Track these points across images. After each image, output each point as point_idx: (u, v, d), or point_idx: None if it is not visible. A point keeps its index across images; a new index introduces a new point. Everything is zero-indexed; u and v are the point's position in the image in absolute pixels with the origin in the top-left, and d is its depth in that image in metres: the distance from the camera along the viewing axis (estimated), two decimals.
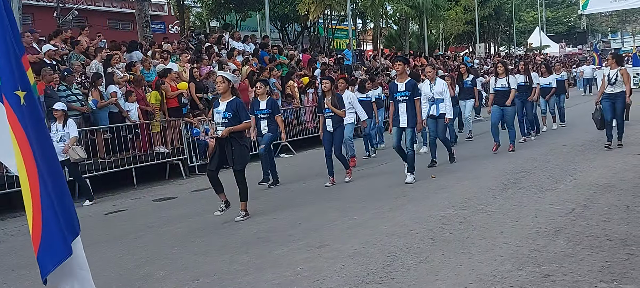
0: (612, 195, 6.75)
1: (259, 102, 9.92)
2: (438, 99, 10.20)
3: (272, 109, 9.78)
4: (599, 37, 74.71)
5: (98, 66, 12.47)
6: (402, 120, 8.81)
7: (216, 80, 7.59)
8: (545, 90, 14.11)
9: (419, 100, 8.92)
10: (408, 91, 8.72)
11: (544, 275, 4.31)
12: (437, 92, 10.20)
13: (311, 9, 26.57)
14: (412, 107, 8.76)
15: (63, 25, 18.09)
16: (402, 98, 8.78)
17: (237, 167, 7.27)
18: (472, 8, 39.93)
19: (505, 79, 11.06)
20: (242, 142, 7.34)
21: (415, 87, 8.84)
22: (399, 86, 8.86)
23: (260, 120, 9.84)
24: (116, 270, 5.66)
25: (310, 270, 4.94)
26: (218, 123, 7.30)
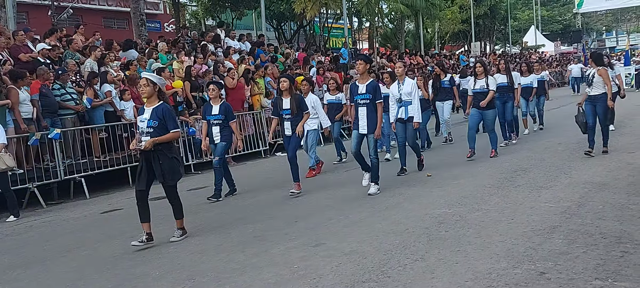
0: (607, 193, 6.78)
1: (211, 106, 9.05)
2: (406, 100, 9.25)
3: (225, 114, 8.92)
4: (594, 36, 74.99)
5: (93, 65, 12.44)
6: (361, 125, 8.04)
7: (139, 83, 6.71)
8: (526, 90, 13.45)
9: (381, 104, 8.05)
10: (369, 94, 7.94)
11: (539, 272, 4.33)
12: (405, 92, 9.23)
13: (307, 7, 26.57)
14: (374, 111, 7.99)
15: (58, 24, 18.05)
16: (363, 101, 8.01)
17: (168, 182, 6.44)
18: (467, 7, 39.96)
19: (484, 80, 10.33)
20: (171, 155, 6.45)
21: (377, 89, 8.04)
22: (359, 88, 8.08)
23: (212, 126, 8.96)
24: (112, 270, 5.65)
25: (307, 269, 4.95)
26: (142, 132, 6.34)
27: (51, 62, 12.03)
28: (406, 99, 9.22)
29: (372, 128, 7.99)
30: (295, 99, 8.72)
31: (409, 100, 9.21)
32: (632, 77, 27.28)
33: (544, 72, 15.49)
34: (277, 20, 31.83)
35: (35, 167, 10.14)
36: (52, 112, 10.73)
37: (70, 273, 5.74)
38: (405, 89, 9.23)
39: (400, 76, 9.35)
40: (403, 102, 9.27)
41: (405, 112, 9.31)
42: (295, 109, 8.63)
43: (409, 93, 9.20)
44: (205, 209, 8.34)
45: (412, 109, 9.23)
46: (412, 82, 9.34)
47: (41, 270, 6.01)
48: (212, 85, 9.23)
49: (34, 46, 12.58)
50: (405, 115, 9.31)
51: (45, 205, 9.85)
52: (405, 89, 9.23)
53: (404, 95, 9.23)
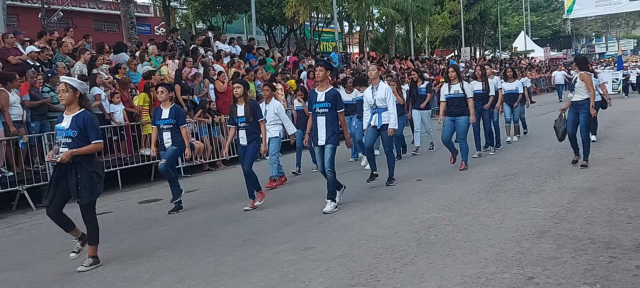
0: (596, 199, 6.82)
1: (161, 110, 8.49)
2: (381, 106, 8.59)
3: (176, 119, 8.38)
4: (584, 42, 75.54)
5: (82, 68, 12.38)
6: (320, 136, 7.48)
7: (58, 88, 6.05)
8: (510, 96, 12.83)
9: (343, 113, 7.58)
10: (329, 102, 7.40)
11: (528, 277, 4.35)
12: (379, 98, 8.56)
13: (298, 11, 26.61)
14: (334, 120, 7.45)
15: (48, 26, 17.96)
16: (321, 110, 7.46)
17: (84, 201, 5.71)
18: (457, 12, 40.16)
19: (458, 85, 9.69)
20: (92, 168, 5.74)
21: (338, 98, 7.50)
22: (318, 96, 7.51)
23: (163, 131, 8.45)
24: (101, 273, 5.62)
25: (296, 273, 4.95)
26: (59, 143, 5.78)
27: (41, 65, 11.97)
28: (380, 105, 8.59)
29: (332, 139, 7.41)
30: (250, 105, 8.10)
31: (383, 107, 8.58)
32: (619, 83, 27.16)
33: (524, 78, 15.14)
34: (268, 24, 31.86)
35: (25, 169, 10.08)
36: (41, 114, 10.67)
37: (59, 275, 5.71)
38: (379, 94, 8.58)
39: (373, 80, 8.72)
40: (377, 108, 8.64)
41: (379, 119, 8.63)
42: (250, 116, 8.01)
43: (383, 99, 8.54)
44: (194, 212, 8.31)
45: (386, 116, 8.58)
46: (386, 87, 8.70)
47: (30, 272, 5.97)
48: (161, 88, 8.64)
49: (24, 49, 12.51)
50: (379, 122, 8.63)
51: (35, 208, 9.78)
52: (379, 95, 8.58)
53: (378, 101, 8.59)
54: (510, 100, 12.86)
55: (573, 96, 9.18)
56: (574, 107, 9.07)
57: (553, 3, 71.54)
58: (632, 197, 6.80)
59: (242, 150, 8.14)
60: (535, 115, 20.36)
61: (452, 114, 9.73)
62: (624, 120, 15.75)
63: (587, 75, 9.00)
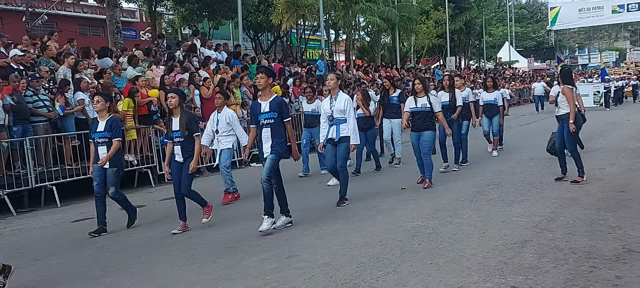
0: (577, 209, 6.89)
1: (98, 121, 7.72)
2: (339, 118, 8.03)
3: (111, 131, 7.59)
4: (567, 53, 76.42)
5: (66, 72, 12.29)
6: (265, 148, 6.91)
7: None
8: (489, 107, 12.36)
9: (289, 122, 7.03)
10: (274, 112, 6.86)
11: (510, 286, 4.38)
12: (338, 109, 8.00)
13: (284, 18, 26.65)
14: (279, 131, 6.89)
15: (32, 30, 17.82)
16: (266, 121, 6.89)
17: None
18: (443, 22, 40.46)
19: (425, 98, 9.05)
20: None
21: (283, 106, 7.01)
22: (262, 106, 6.92)
23: (98, 145, 7.62)
24: (82, 279, 5.57)
25: (279, 280, 4.93)
26: None
27: (24, 68, 11.86)
28: (338, 117, 8.02)
29: (277, 150, 6.85)
30: (186, 118, 7.34)
31: (342, 118, 8.02)
32: (601, 96, 26.94)
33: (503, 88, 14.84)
34: (255, 30, 31.85)
35: (5, 174, 9.97)
36: (24, 118, 10.56)
37: (39, 281, 5.65)
38: (337, 105, 8.01)
39: (332, 90, 8.17)
40: (335, 120, 8.07)
41: (337, 131, 8.06)
42: (185, 129, 7.24)
43: (342, 110, 7.98)
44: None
45: (345, 128, 8.02)
46: (345, 98, 8.11)
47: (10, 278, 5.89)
48: (97, 97, 7.86)
49: (7, 52, 12.39)
50: (337, 135, 8.06)
51: (15, 213, 9.68)
52: (337, 105, 8.01)
53: (336, 112, 8.02)
54: (490, 111, 12.41)
55: (558, 111, 8.86)
56: (559, 122, 8.86)
57: (537, 14, 72.51)
58: (612, 208, 6.87)
59: (177, 167, 7.35)
60: (518, 125, 20.55)
61: (418, 129, 9.11)
62: (605, 131, 15.92)
63: (568, 89, 8.70)
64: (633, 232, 5.73)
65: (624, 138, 14.46)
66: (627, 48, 75.79)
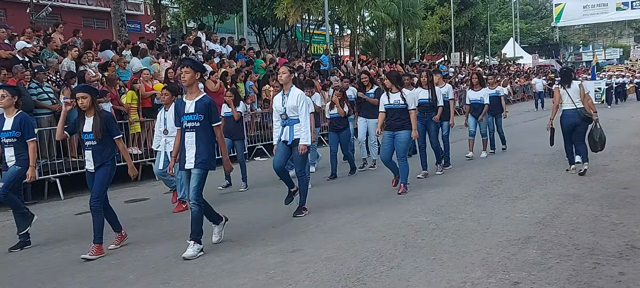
0: (581, 205, 6.88)
1: (4, 119, 6.73)
2: (292, 117, 7.16)
3: (22, 130, 6.68)
4: (571, 50, 76.27)
5: (70, 64, 12.30)
6: (188, 157, 5.88)
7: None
8: (475, 107, 11.72)
9: (220, 127, 6.03)
10: (200, 113, 5.85)
11: (513, 282, 4.38)
12: (290, 107, 7.11)
13: (289, 13, 26.61)
14: (206, 137, 5.87)
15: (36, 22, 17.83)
16: (190, 123, 5.87)
17: None
18: (448, 17, 40.37)
19: (398, 94, 8.34)
20: None
21: (212, 108, 5.92)
22: (187, 105, 5.89)
23: (5, 146, 6.75)
24: (85, 272, 5.58)
25: (283, 275, 4.95)
26: None
27: (29, 60, 11.87)
28: (292, 116, 7.16)
29: (202, 162, 5.82)
30: (101, 118, 6.13)
31: (295, 117, 7.16)
32: (603, 92, 26.76)
33: (498, 86, 13.24)
34: (259, 24, 31.81)
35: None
36: (28, 111, 10.56)
37: (42, 274, 5.66)
38: (289, 102, 7.12)
39: (285, 85, 7.22)
40: (288, 119, 7.19)
41: (290, 132, 7.18)
42: (100, 132, 6.05)
43: (295, 107, 7.08)
44: (180, 213, 8.26)
45: (299, 129, 7.16)
46: (298, 94, 7.14)
47: (13, 271, 5.92)
48: (2, 91, 6.81)
49: (11, 44, 12.40)
50: (290, 137, 7.17)
51: None
52: (289, 102, 7.12)
53: (289, 110, 7.16)
54: (476, 111, 11.69)
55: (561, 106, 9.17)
56: None
57: (542, 11, 72.25)
58: (616, 204, 6.87)
59: (90, 177, 6.21)
60: (523, 121, 20.52)
61: (392, 128, 8.39)
62: (609, 128, 15.85)
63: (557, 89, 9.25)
64: (636, 229, 5.73)
65: (627, 135, 14.45)
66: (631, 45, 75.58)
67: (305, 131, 7.11)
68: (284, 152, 7.30)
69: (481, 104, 11.65)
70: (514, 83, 35.30)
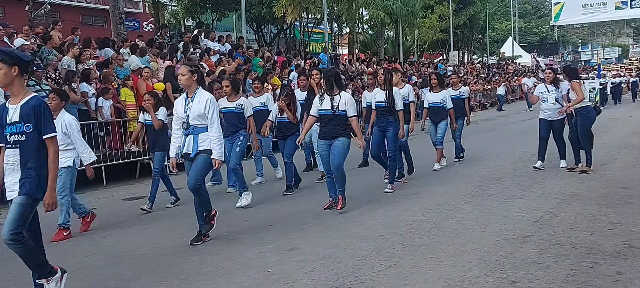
0: (579, 204, 6.89)
1: None
2: (197, 125, 6.04)
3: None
4: (570, 49, 76.35)
5: (70, 62, 12.28)
6: (9, 183, 4.48)
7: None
8: (434, 111, 10.36)
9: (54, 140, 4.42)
10: (27, 122, 4.34)
11: (511, 281, 4.38)
12: (195, 114, 6.00)
13: (288, 11, 26.60)
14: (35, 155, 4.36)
15: (35, 20, 17.79)
16: (13, 137, 4.39)
17: None
18: (447, 16, 40.37)
19: (336, 97, 7.21)
20: None
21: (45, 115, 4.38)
22: (10, 111, 4.42)
23: None
24: (83, 270, 5.58)
25: (281, 273, 4.94)
26: None
27: None
28: (197, 124, 6.04)
29: (30, 188, 4.34)
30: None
31: (201, 126, 6.06)
32: (597, 93, 25.65)
33: (462, 87, 11.75)
34: (258, 23, 31.79)
35: None
36: None
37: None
38: (195, 107, 6.01)
39: (187, 88, 6.09)
40: (191, 127, 6.06)
41: (194, 143, 6.06)
42: None
43: (201, 114, 6.00)
44: (180, 211, 8.27)
45: (205, 139, 6.05)
46: (207, 98, 6.03)
47: (12, 267, 5.91)
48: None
49: (10, 42, 12.38)
50: (194, 148, 6.06)
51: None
52: (195, 108, 6.00)
53: (193, 118, 6.02)
54: (436, 115, 10.38)
55: None
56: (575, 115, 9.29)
57: (540, 10, 72.30)
58: (614, 204, 6.88)
59: None
60: (521, 120, 20.53)
61: (326, 136, 7.38)
62: (608, 127, 15.89)
63: (577, 83, 9.26)
64: (634, 228, 5.74)
65: (626, 134, 14.46)
66: (630, 44, 75.71)
67: (218, 144, 6.02)
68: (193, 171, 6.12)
69: (442, 107, 10.29)
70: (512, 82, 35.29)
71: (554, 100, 9.41)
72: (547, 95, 9.50)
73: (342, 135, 7.27)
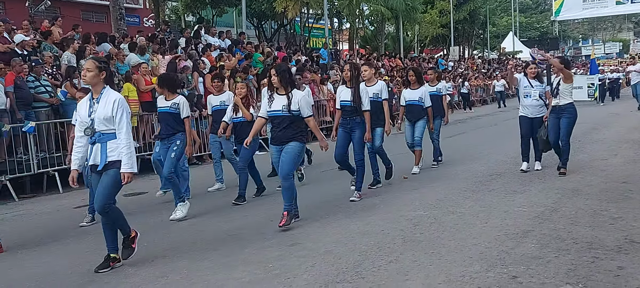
0: (580, 199, 6.88)
1: None
2: (104, 132, 5.11)
3: None
4: (571, 44, 76.27)
5: (70, 58, 12.28)
6: None
7: None
8: (412, 109, 9.56)
9: None
10: None
11: (512, 276, 4.38)
12: (102, 117, 5.07)
13: (288, 6, 26.56)
14: None
15: (35, 15, 17.77)
16: None
17: None
18: (447, 11, 40.30)
19: (284, 97, 6.41)
20: None
21: None
22: None
23: None
24: (84, 265, 5.57)
25: (281, 268, 4.94)
26: None
27: (27, 54, 11.85)
28: (104, 129, 5.10)
29: None
30: None
31: (109, 132, 5.12)
32: (596, 89, 24.89)
33: (440, 83, 10.65)
34: (258, 18, 31.75)
35: (7, 160, 9.98)
36: (26, 104, 10.57)
37: (41, 267, 5.66)
38: (100, 110, 5.08)
39: (93, 86, 5.20)
40: (98, 134, 5.13)
41: (102, 153, 5.11)
42: None
43: (109, 118, 5.06)
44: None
45: (114, 148, 5.10)
46: (115, 98, 5.10)
47: (12, 264, 5.92)
48: None
49: (11, 38, 12.37)
50: (102, 159, 5.11)
51: (17, 199, 9.69)
52: (100, 111, 5.08)
53: (98, 122, 5.10)
54: (413, 114, 9.56)
55: (559, 101, 8.48)
56: (555, 112, 8.54)
57: (541, 5, 72.23)
58: (615, 199, 6.86)
59: None
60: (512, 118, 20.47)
61: (277, 141, 6.60)
62: (609, 122, 15.89)
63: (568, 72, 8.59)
64: (635, 223, 5.73)
65: (627, 129, 14.43)
66: (631, 39, 75.57)
67: (128, 153, 5.07)
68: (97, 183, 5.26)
69: (420, 105, 9.49)
70: None
71: (537, 97, 8.75)
72: (531, 90, 8.76)
73: (295, 139, 6.46)
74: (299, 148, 6.51)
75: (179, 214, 7.28)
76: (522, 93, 8.89)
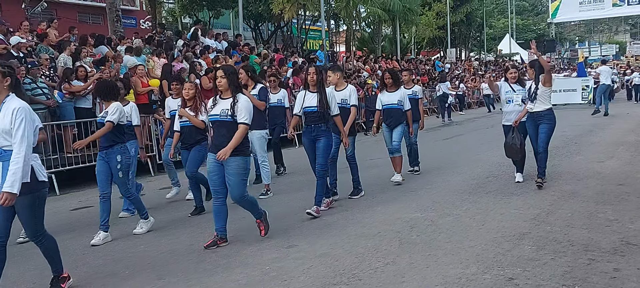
0: (576, 202, 6.90)
1: None
2: (6, 148, 4.38)
3: None
4: (567, 46, 76.41)
5: (66, 60, 12.27)
6: None
7: None
8: (390, 113, 8.95)
9: None
10: None
11: (508, 278, 4.39)
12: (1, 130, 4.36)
13: (285, 8, 26.56)
14: None
15: (31, 17, 17.76)
16: None
17: None
18: (444, 13, 40.35)
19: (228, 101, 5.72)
20: None
21: None
22: None
23: None
24: (81, 268, 5.58)
25: (278, 270, 4.94)
26: None
27: (23, 56, 11.84)
28: (5, 145, 4.39)
29: None
30: None
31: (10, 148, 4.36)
32: (590, 91, 23.45)
33: (415, 86, 10.18)
34: (255, 20, 31.76)
35: None
36: None
37: (37, 269, 5.64)
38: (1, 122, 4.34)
39: None
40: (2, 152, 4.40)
41: (3, 172, 4.36)
42: None
43: (6, 131, 4.34)
44: (176, 208, 8.26)
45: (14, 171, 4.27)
46: (14, 107, 4.35)
47: (8, 266, 5.89)
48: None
49: (7, 39, 12.36)
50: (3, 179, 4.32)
51: None
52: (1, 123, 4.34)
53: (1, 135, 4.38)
54: (391, 119, 8.97)
55: (534, 106, 7.90)
56: (533, 119, 7.99)
57: (538, 7, 72.36)
58: (611, 201, 6.88)
59: None
60: None
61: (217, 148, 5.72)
62: (605, 124, 15.93)
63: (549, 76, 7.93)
64: (631, 225, 5.75)
65: (623, 131, 14.47)
66: (627, 41, 75.72)
67: (13, 171, 4.25)
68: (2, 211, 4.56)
69: (399, 109, 8.93)
70: None
71: (519, 101, 8.22)
72: (513, 94, 8.30)
73: (237, 153, 5.64)
74: (242, 164, 5.72)
75: (138, 230, 6.84)
76: (504, 99, 8.48)
